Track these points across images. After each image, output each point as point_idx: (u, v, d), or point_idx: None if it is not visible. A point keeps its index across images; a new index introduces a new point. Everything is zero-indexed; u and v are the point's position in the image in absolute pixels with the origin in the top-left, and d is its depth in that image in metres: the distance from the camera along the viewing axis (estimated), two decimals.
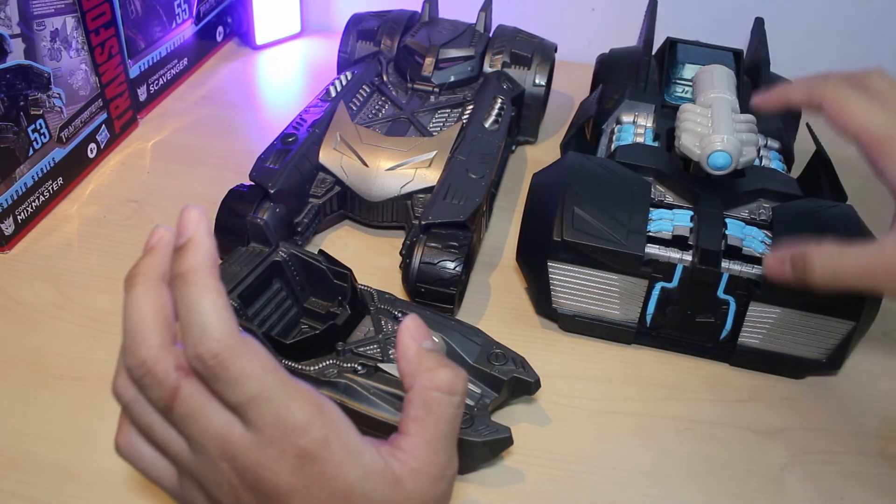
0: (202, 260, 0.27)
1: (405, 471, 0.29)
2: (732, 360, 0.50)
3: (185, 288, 0.27)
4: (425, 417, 0.30)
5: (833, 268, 0.40)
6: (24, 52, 0.54)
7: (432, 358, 0.31)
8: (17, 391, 0.46)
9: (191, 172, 0.66)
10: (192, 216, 0.27)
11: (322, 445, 0.27)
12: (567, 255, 0.48)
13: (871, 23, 0.81)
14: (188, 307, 0.26)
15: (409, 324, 0.31)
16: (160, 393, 0.27)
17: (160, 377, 0.27)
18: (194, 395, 0.27)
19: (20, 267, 0.55)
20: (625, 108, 0.60)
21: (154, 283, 0.28)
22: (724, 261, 0.47)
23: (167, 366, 0.27)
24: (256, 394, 0.27)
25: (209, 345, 0.26)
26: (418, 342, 0.31)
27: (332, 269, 0.47)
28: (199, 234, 0.27)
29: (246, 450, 0.27)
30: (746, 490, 0.43)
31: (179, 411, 0.28)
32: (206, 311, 0.26)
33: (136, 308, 0.28)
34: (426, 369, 0.30)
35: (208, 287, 0.27)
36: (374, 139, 0.58)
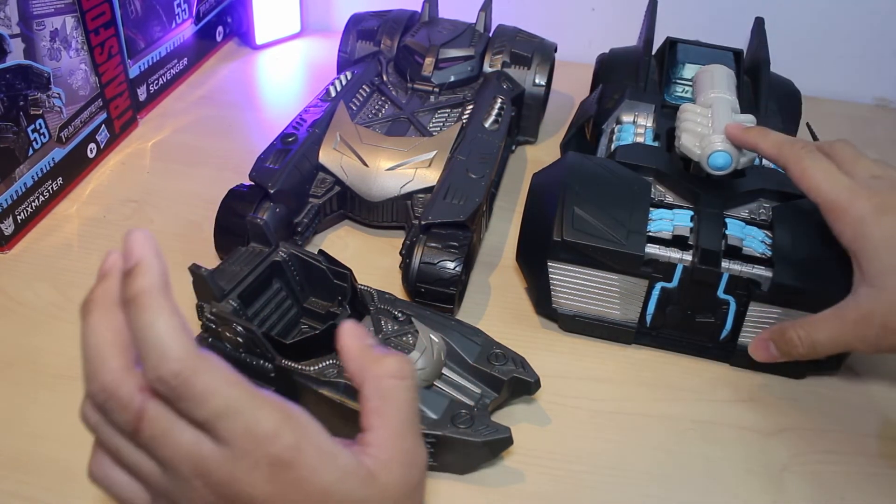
0: (152, 281, 0.27)
1: (377, 464, 0.29)
2: (732, 360, 0.50)
3: (138, 311, 0.26)
4: (383, 407, 0.30)
5: (810, 341, 0.44)
6: (23, 51, 0.54)
7: (374, 351, 0.31)
8: (17, 391, 0.46)
9: (191, 172, 0.66)
10: (137, 239, 0.27)
11: (294, 451, 0.27)
12: (567, 255, 0.48)
13: (872, 23, 0.81)
14: (143, 330, 0.26)
15: (346, 327, 0.31)
16: (126, 417, 0.27)
17: (124, 401, 0.27)
18: (161, 416, 0.27)
19: (20, 267, 0.55)
20: (625, 107, 0.60)
21: (109, 307, 0.28)
22: (725, 261, 0.47)
23: (130, 389, 0.27)
24: (223, 408, 0.26)
25: (169, 365, 0.26)
26: (359, 340, 0.31)
27: (332, 269, 0.47)
28: (146, 256, 0.27)
29: (218, 465, 0.27)
30: (746, 490, 0.43)
31: (147, 434, 0.27)
32: (162, 333, 0.26)
33: (94, 334, 0.28)
34: (372, 361, 0.30)
35: (161, 308, 0.26)
36: (374, 139, 0.58)
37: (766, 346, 0.46)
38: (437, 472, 0.43)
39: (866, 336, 0.42)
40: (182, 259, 0.45)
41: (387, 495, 0.29)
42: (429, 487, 0.42)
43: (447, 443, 0.41)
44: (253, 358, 0.43)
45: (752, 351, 0.47)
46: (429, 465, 0.42)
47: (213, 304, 0.43)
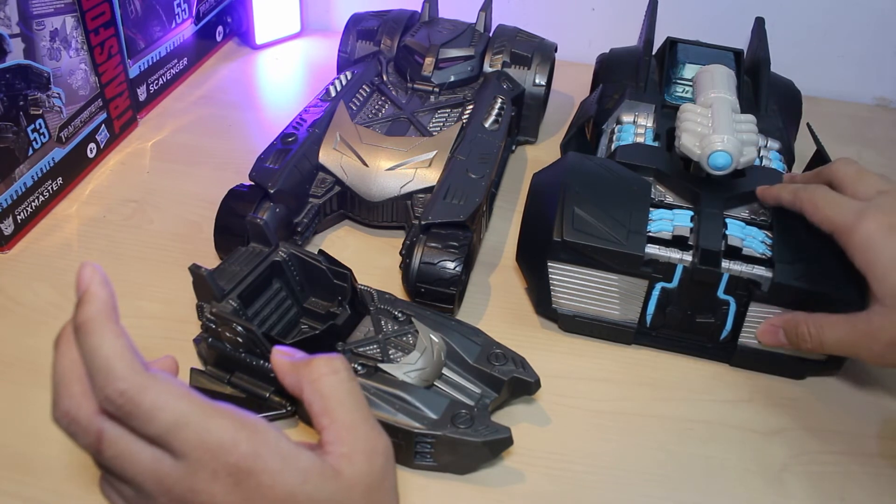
0: (97, 309, 0.28)
1: (337, 459, 0.29)
2: (733, 360, 0.50)
3: (85, 337, 0.28)
4: (326, 405, 0.30)
5: (820, 339, 0.44)
6: (23, 51, 0.54)
7: (300, 360, 0.32)
8: (17, 391, 0.46)
9: (191, 172, 0.66)
10: (85, 272, 0.29)
11: (253, 458, 0.28)
12: (567, 256, 0.48)
13: (872, 23, 0.81)
14: (90, 354, 0.28)
15: (274, 350, 0.33)
16: (87, 440, 0.28)
17: (84, 424, 0.28)
18: (118, 437, 0.28)
19: (20, 267, 0.55)
20: (625, 107, 0.60)
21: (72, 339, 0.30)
22: (725, 261, 0.47)
23: (89, 412, 0.28)
24: (173, 422, 0.27)
25: (115, 385, 0.27)
26: (288, 357, 0.32)
27: (332, 269, 0.47)
28: (92, 286, 0.29)
29: (178, 479, 0.28)
30: (746, 490, 0.43)
31: (108, 454, 0.28)
32: (106, 354, 0.27)
33: (57, 365, 0.29)
34: (303, 367, 0.31)
35: (105, 332, 0.28)
36: (374, 139, 0.58)
37: (775, 333, 0.47)
38: (437, 472, 0.43)
39: (872, 349, 0.43)
40: (182, 259, 0.45)
41: (354, 488, 0.29)
42: (429, 487, 0.42)
43: (447, 443, 0.41)
44: (253, 358, 0.43)
45: (761, 334, 0.48)
46: (429, 465, 0.42)
47: (213, 304, 0.43)
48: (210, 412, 0.28)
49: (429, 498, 0.42)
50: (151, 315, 0.51)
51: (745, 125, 0.49)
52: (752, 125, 0.49)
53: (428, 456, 0.42)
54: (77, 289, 0.29)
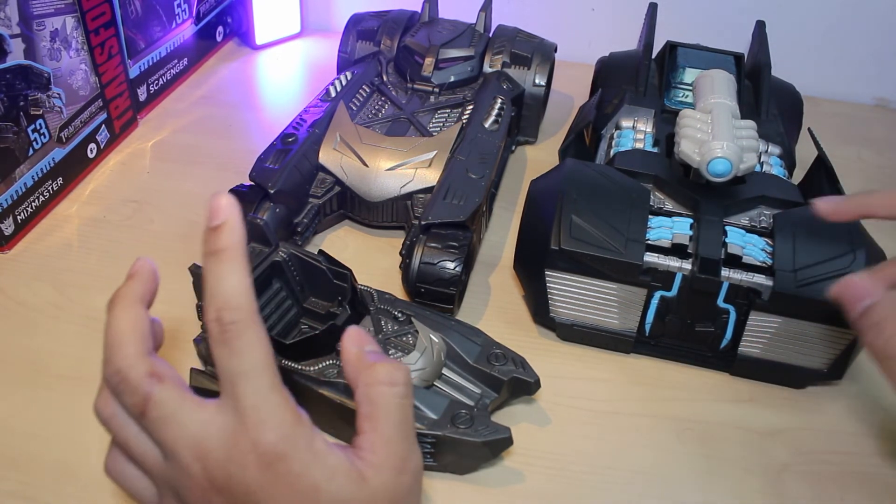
0: (236, 241, 0.29)
1: (367, 467, 0.30)
2: (732, 369, 0.50)
3: (217, 263, 0.28)
4: (373, 412, 0.30)
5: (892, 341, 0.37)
6: (23, 52, 0.54)
7: (371, 356, 0.32)
8: (17, 391, 0.46)
9: (191, 172, 0.66)
10: (224, 202, 0.29)
11: (290, 444, 0.28)
12: (565, 264, 0.48)
13: (872, 23, 0.81)
14: (219, 278, 0.28)
15: (350, 332, 0.32)
16: (134, 399, 0.29)
17: (134, 384, 0.29)
18: (167, 399, 0.29)
19: (20, 267, 0.55)
20: (624, 112, 0.60)
21: (132, 302, 0.31)
22: (725, 269, 0.46)
23: (141, 373, 0.29)
24: (248, 371, 0.28)
25: (232, 312, 0.28)
26: (359, 346, 0.32)
27: (332, 269, 0.47)
28: (233, 219, 0.29)
29: (219, 443, 0.28)
30: (746, 490, 0.43)
31: (153, 415, 0.29)
32: (236, 284, 0.28)
33: (114, 325, 0.30)
34: (365, 368, 0.31)
35: (240, 265, 0.28)
36: (373, 139, 0.58)
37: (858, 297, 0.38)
38: (437, 472, 0.43)
39: None
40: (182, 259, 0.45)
41: (377, 498, 0.29)
42: (429, 487, 0.42)
43: (447, 443, 0.41)
44: None
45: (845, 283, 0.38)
46: (429, 465, 0.42)
47: None
48: (276, 386, 0.29)
49: (429, 498, 0.42)
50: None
51: (746, 131, 0.49)
52: (753, 131, 0.49)
53: (428, 456, 0.42)
54: (212, 215, 0.29)
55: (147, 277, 0.31)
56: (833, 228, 0.47)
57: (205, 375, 0.45)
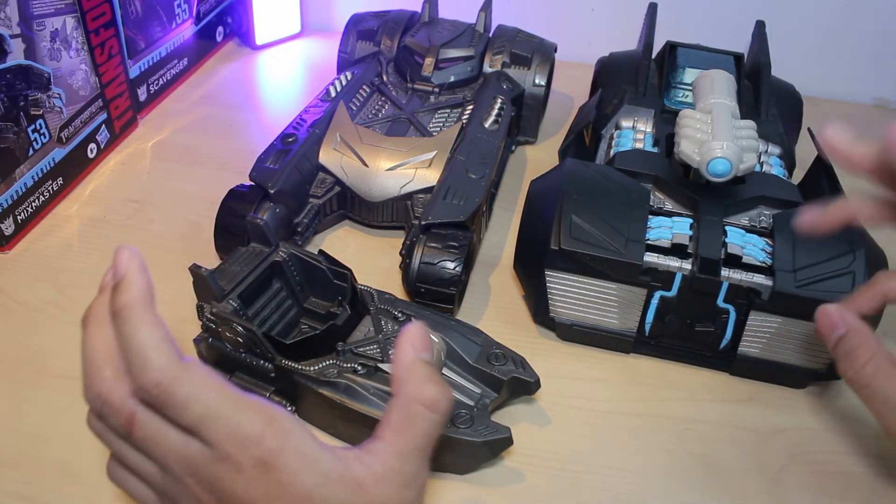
0: (135, 296, 0.28)
1: (368, 475, 0.29)
2: (732, 369, 0.50)
3: (121, 324, 0.28)
4: (403, 427, 0.30)
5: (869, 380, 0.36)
6: (24, 52, 0.54)
7: (425, 370, 0.31)
8: (17, 391, 0.46)
9: (191, 172, 0.66)
10: (123, 256, 0.29)
11: (277, 454, 0.28)
12: (565, 264, 0.48)
13: (872, 23, 0.81)
14: (127, 341, 0.28)
15: (413, 331, 0.31)
16: (118, 421, 0.29)
17: (116, 406, 0.29)
18: (150, 419, 0.29)
19: (20, 267, 0.55)
20: (624, 112, 0.60)
21: (103, 320, 0.30)
22: (724, 269, 0.46)
23: (122, 395, 0.29)
24: (204, 413, 0.28)
25: (150, 375, 0.27)
26: (416, 351, 0.31)
27: (332, 269, 0.47)
28: (130, 272, 0.29)
29: (205, 465, 0.28)
30: (746, 490, 0.43)
31: (139, 436, 0.29)
32: (143, 344, 0.28)
33: (89, 345, 0.29)
34: (415, 380, 0.30)
35: (143, 321, 0.28)
36: (374, 139, 0.58)
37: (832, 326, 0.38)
38: (437, 472, 0.43)
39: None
40: (182, 259, 0.45)
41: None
42: (429, 487, 0.42)
43: (447, 443, 0.41)
44: (253, 358, 0.43)
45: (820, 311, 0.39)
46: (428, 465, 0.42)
47: (214, 304, 0.43)
48: (242, 405, 0.28)
49: (429, 498, 0.42)
50: None
51: (745, 131, 0.48)
52: (752, 131, 0.49)
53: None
54: (114, 272, 0.29)
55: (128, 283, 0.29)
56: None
57: None
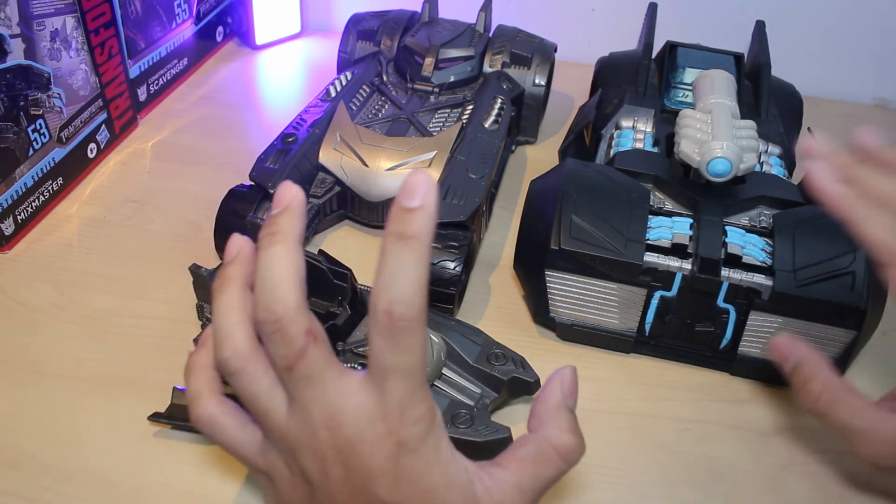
0: (429, 230, 0.26)
1: (485, 496, 0.30)
2: (732, 369, 0.50)
3: (404, 250, 0.26)
4: (530, 465, 0.31)
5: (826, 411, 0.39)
6: (24, 52, 0.54)
7: (569, 418, 0.32)
8: (16, 391, 0.46)
9: (191, 172, 0.66)
10: (424, 181, 0.26)
11: (422, 441, 0.28)
12: (565, 264, 0.48)
13: (872, 23, 0.81)
14: (402, 267, 0.26)
15: (567, 374, 0.33)
16: (286, 351, 0.28)
17: (291, 336, 0.28)
18: (317, 360, 0.28)
19: (20, 267, 0.55)
20: (624, 112, 0.60)
21: (296, 245, 0.28)
22: (724, 269, 0.46)
23: (300, 328, 0.28)
24: (404, 369, 0.27)
25: (406, 308, 0.26)
26: (565, 396, 0.33)
27: (332, 269, 0.47)
28: (431, 203, 0.26)
29: (355, 420, 0.28)
30: (746, 490, 0.43)
31: (300, 373, 0.28)
32: (416, 280, 0.26)
33: (277, 265, 0.28)
34: (558, 425, 0.32)
35: (426, 259, 0.26)
36: (374, 139, 0.58)
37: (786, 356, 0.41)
38: None
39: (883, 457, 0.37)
40: (182, 259, 0.45)
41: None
42: None
43: None
44: None
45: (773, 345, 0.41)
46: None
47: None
48: (425, 385, 0.28)
49: None
50: (151, 315, 0.51)
51: (745, 131, 0.48)
52: (753, 131, 0.49)
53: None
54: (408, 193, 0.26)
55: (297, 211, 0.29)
56: (833, 228, 0.47)
57: None
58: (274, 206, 0.30)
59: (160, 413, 0.43)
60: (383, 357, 0.27)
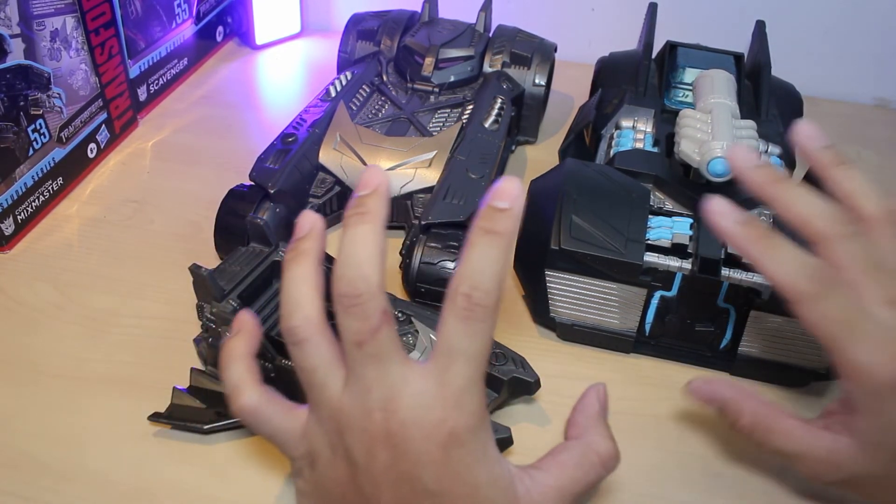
0: (514, 230, 0.29)
1: (525, 497, 0.30)
2: (732, 369, 0.50)
3: (491, 243, 0.28)
4: (572, 469, 0.32)
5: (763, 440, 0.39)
6: (24, 52, 0.54)
7: (607, 428, 0.34)
8: (16, 391, 0.46)
9: (191, 172, 0.66)
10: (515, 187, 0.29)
11: (473, 435, 0.29)
12: (565, 264, 0.48)
13: (872, 23, 0.81)
14: (488, 257, 0.28)
15: (601, 388, 0.36)
16: (360, 326, 0.29)
17: (368, 312, 0.28)
18: (388, 341, 0.29)
19: (20, 267, 0.55)
20: (624, 112, 0.60)
21: (381, 228, 0.30)
22: (724, 269, 0.46)
23: (379, 305, 0.29)
24: (470, 355, 0.28)
25: (484, 296, 0.28)
26: (602, 406, 0.35)
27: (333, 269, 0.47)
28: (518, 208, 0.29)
29: (413, 404, 0.28)
30: (747, 490, 0.43)
31: (369, 350, 0.29)
32: (499, 272, 0.28)
33: (366, 243, 0.29)
34: (599, 432, 0.33)
35: (508, 255, 0.29)
36: (373, 139, 0.58)
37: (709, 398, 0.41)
38: None
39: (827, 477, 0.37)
40: (182, 259, 0.45)
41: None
42: None
43: None
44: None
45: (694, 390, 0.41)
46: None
47: (213, 304, 0.43)
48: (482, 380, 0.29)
49: None
50: (151, 315, 0.51)
51: (745, 131, 0.49)
52: (753, 131, 0.49)
53: None
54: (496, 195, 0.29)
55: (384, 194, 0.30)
56: None
57: (205, 375, 0.45)
58: (361, 187, 0.30)
59: (160, 413, 0.43)
60: (454, 339, 0.28)
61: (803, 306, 0.34)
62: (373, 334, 0.28)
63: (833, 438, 0.37)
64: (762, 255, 0.35)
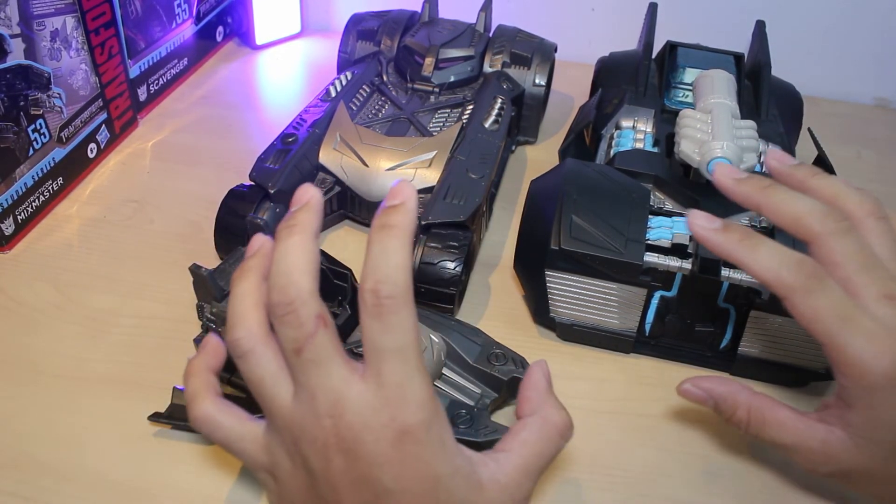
0: (409, 222, 0.29)
1: (491, 481, 0.30)
2: (732, 369, 0.50)
3: (388, 236, 0.29)
4: (533, 444, 0.32)
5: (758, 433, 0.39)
6: (24, 52, 0.54)
7: (557, 400, 0.34)
8: (16, 391, 0.46)
9: (191, 172, 0.66)
10: (406, 189, 0.30)
11: (426, 429, 0.29)
12: (565, 264, 0.48)
13: (872, 23, 0.81)
14: (385, 251, 0.28)
15: (543, 365, 0.36)
16: (296, 334, 0.29)
17: (302, 319, 0.29)
18: (326, 344, 0.29)
19: (20, 267, 0.55)
20: (624, 112, 0.60)
21: (312, 238, 0.30)
22: (725, 269, 0.46)
23: (310, 311, 0.29)
24: (397, 349, 0.28)
25: (391, 287, 0.28)
26: (548, 380, 0.35)
27: (332, 269, 0.47)
28: (411, 203, 0.29)
29: (358, 407, 0.28)
30: (747, 490, 0.43)
31: (307, 356, 0.29)
32: (400, 262, 0.28)
33: (294, 253, 0.30)
34: (552, 406, 0.33)
35: (408, 245, 0.29)
36: (374, 139, 0.58)
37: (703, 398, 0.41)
38: None
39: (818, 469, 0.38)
40: (182, 259, 0.45)
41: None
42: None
43: None
44: None
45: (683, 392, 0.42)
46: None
47: (213, 304, 0.43)
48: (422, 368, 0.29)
49: None
50: (151, 315, 0.52)
51: (746, 131, 0.48)
52: (753, 131, 0.49)
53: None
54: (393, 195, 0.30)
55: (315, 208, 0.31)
56: None
57: None
58: (293, 203, 0.31)
59: (160, 413, 0.43)
60: (375, 338, 0.28)
61: (793, 300, 0.35)
62: (309, 340, 0.29)
63: (827, 430, 0.37)
64: (746, 255, 0.36)
